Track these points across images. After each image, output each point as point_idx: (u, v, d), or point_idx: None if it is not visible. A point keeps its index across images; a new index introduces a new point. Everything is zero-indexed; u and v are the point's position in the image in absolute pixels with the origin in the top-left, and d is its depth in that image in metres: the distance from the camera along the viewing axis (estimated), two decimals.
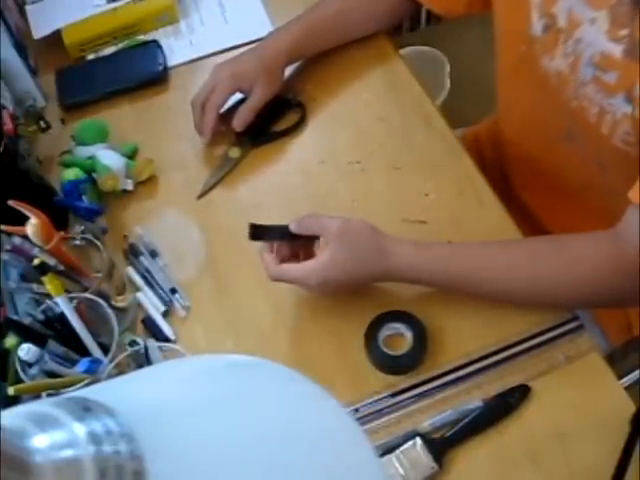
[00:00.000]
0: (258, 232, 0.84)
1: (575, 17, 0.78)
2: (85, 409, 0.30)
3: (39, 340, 0.76)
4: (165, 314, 0.90)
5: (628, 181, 0.75)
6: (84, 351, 0.80)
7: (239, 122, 1.01)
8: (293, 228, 0.83)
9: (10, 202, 0.78)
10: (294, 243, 0.85)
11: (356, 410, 0.81)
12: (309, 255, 0.84)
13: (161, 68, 1.12)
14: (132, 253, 0.95)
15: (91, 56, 1.16)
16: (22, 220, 0.80)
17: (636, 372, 1.00)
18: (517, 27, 0.87)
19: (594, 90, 0.80)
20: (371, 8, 1.08)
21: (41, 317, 0.81)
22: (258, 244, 0.85)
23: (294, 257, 0.85)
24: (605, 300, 0.84)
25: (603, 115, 0.81)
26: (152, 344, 0.79)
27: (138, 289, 0.92)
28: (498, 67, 1.00)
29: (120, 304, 0.87)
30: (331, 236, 0.81)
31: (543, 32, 0.82)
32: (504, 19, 0.91)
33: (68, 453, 0.27)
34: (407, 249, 0.83)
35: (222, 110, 1.02)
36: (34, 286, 0.84)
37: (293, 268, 0.82)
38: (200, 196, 1.00)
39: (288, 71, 1.06)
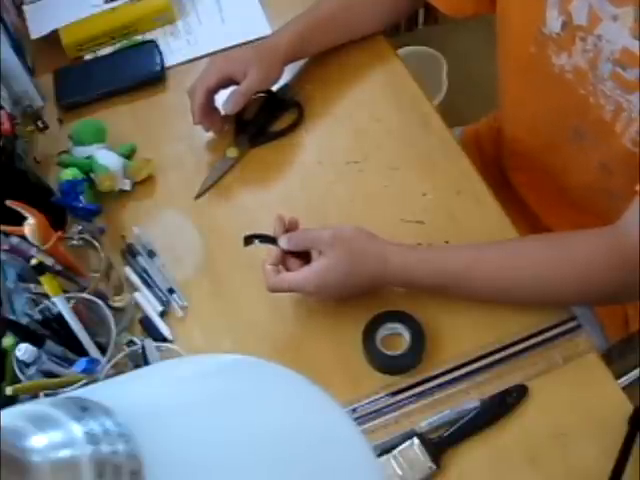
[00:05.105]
0: (251, 239, 0.85)
1: (595, 14, 0.78)
2: (83, 409, 0.30)
3: (37, 340, 0.75)
4: (163, 314, 0.90)
5: (629, 185, 0.76)
6: (82, 351, 0.80)
7: (229, 106, 1.00)
8: (283, 245, 0.84)
9: (8, 202, 0.78)
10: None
11: (354, 410, 0.81)
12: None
13: (159, 68, 1.12)
14: (130, 253, 0.95)
15: (89, 56, 1.16)
16: (20, 220, 0.80)
17: (634, 372, 1.00)
18: (528, 26, 0.87)
19: (612, 87, 0.80)
20: (374, 6, 1.08)
21: (39, 317, 0.81)
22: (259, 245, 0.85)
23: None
24: (603, 297, 0.84)
25: (619, 112, 0.81)
26: (150, 344, 0.79)
27: (136, 289, 0.92)
28: (503, 67, 1.00)
29: (118, 304, 0.87)
30: (325, 246, 0.81)
31: (562, 29, 0.83)
32: (514, 19, 0.91)
33: (66, 453, 0.27)
34: (403, 252, 0.83)
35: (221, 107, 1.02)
36: (32, 286, 0.84)
37: (289, 277, 0.83)
38: (198, 196, 1.00)
39: (286, 71, 1.06)
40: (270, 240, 0.85)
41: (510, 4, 0.91)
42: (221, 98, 1.02)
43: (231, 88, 1.01)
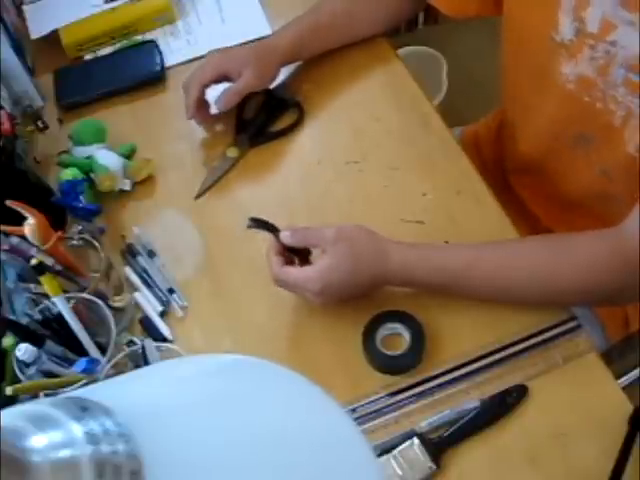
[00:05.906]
0: (256, 223, 0.84)
1: (607, 21, 0.78)
2: (83, 409, 0.30)
3: (37, 340, 0.75)
4: (163, 314, 0.90)
5: (629, 189, 0.76)
6: (82, 351, 0.80)
7: (222, 103, 1.01)
8: (285, 240, 0.82)
9: (8, 202, 0.78)
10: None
11: (354, 410, 0.81)
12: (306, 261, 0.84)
13: (159, 68, 1.12)
14: (130, 253, 0.95)
15: (89, 56, 1.16)
16: (20, 220, 0.80)
17: (634, 372, 1.00)
18: (538, 32, 0.87)
19: (624, 93, 0.80)
20: (377, 12, 1.08)
21: (39, 317, 0.81)
22: (259, 245, 0.85)
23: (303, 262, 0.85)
24: (603, 298, 0.84)
25: (629, 119, 0.81)
26: (150, 344, 0.79)
27: (136, 289, 0.92)
28: (509, 72, 1.00)
29: (118, 304, 0.87)
30: (328, 245, 0.81)
31: (574, 36, 0.82)
32: (523, 24, 0.90)
33: (66, 453, 0.27)
34: (403, 250, 0.83)
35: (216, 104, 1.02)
36: (32, 286, 0.84)
37: (295, 273, 0.82)
38: (198, 196, 1.00)
39: (286, 71, 1.06)
40: (272, 230, 0.84)
41: (518, 8, 0.90)
42: (211, 92, 1.02)
43: (223, 84, 1.01)
